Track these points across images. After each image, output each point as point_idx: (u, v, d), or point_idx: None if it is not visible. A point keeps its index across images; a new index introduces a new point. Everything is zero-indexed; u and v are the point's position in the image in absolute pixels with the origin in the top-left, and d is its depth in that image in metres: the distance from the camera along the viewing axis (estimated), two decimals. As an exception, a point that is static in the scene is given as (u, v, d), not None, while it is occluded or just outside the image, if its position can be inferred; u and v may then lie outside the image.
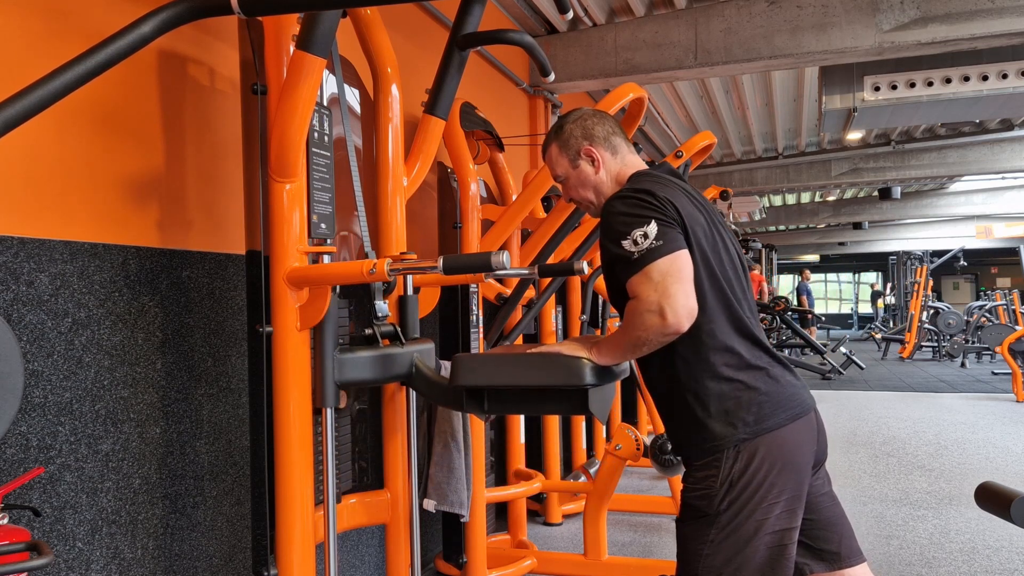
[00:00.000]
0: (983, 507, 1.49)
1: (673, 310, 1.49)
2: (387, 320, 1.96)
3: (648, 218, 1.56)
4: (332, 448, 1.83)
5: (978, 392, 8.94)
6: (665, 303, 1.49)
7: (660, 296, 1.50)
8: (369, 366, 1.85)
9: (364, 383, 1.90)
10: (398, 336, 1.93)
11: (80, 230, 1.74)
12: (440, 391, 1.88)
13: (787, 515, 1.59)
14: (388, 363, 1.88)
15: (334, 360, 1.79)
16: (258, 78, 1.81)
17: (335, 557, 1.80)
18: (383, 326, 1.92)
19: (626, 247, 1.55)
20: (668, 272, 1.51)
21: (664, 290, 1.50)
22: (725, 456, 1.58)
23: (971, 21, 4.14)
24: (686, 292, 1.52)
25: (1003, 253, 19.20)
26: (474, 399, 1.78)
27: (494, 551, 3.39)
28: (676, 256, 1.54)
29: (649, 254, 1.53)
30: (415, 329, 2.09)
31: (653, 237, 1.53)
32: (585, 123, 1.81)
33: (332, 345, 1.78)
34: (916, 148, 9.34)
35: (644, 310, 1.52)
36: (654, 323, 1.51)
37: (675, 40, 4.69)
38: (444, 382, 1.85)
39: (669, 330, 1.51)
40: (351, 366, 1.82)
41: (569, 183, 1.85)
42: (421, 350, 1.97)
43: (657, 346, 1.56)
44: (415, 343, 1.98)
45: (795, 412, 1.63)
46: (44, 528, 1.63)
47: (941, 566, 3.36)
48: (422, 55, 3.40)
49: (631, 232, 1.55)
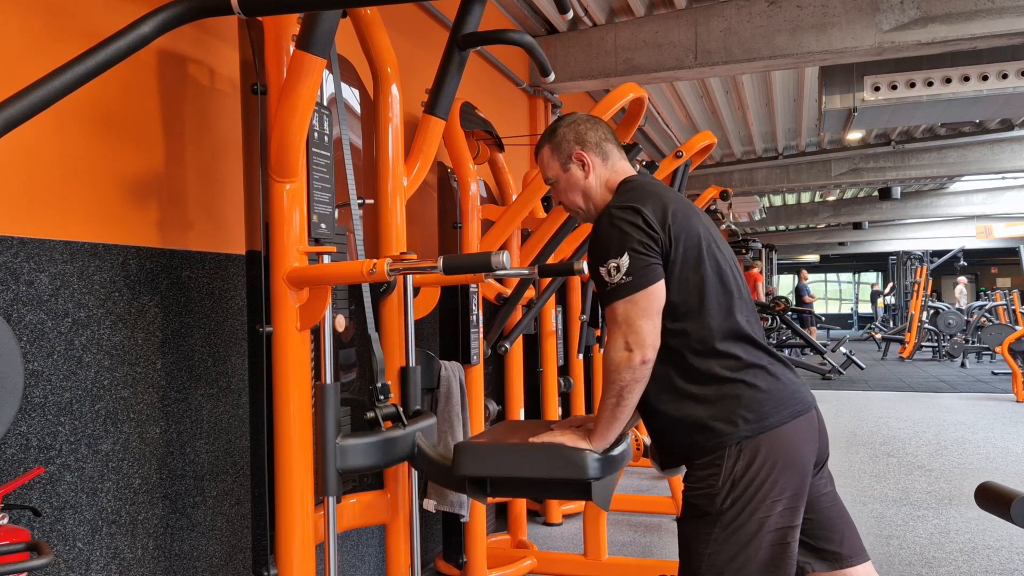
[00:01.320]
0: (983, 507, 1.49)
1: (639, 344, 1.57)
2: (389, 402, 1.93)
3: (623, 249, 1.60)
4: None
5: (978, 392, 8.94)
6: (631, 339, 1.58)
7: (625, 333, 1.58)
8: (372, 452, 1.82)
9: (366, 470, 1.90)
10: (400, 418, 1.90)
11: (80, 230, 1.74)
12: (443, 474, 1.87)
13: (789, 513, 1.59)
14: (390, 447, 1.86)
15: (335, 447, 1.76)
16: (258, 78, 1.81)
17: (335, 557, 1.79)
18: (385, 408, 1.90)
19: (601, 274, 1.63)
20: (632, 311, 1.59)
21: (629, 327, 1.58)
22: (727, 454, 1.58)
23: (971, 21, 4.14)
24: (650, 329, 1.59)
25: (1003, 253, 19.20)
26: (476, 486, 1.79)
27: (494, 551, 3.39)
28: (643, 294, 1.59)
29: (618, 290, 1.60)
30: (417, 401, 2.09)
31: (623, 272, 1.59)
32: (578, 128, 1.83)
33: (334, 433, 1.76)
34: (916, 148, 9.34)
35: (611, 351, 1.60)
36: (623, 358, 1.57)
37: (675, 40, 4.69)
38: (447, 465, 1.83)
39: (635, 361, 1.57)
40: (353, 454, 1.79)
41: (559, 186, 1.86)
42: (423, 427, 1.95)
43: (636, 385, 1.60)
44: (417, 420, 1.97)
45: (796, 410, 1.64)
46: (44, 528, 1.63)
47: (941, 566, 3.36)
48: (422, 55, 3.40)
49: (607, 261, 1.62)
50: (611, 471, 1.70)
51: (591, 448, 1.66)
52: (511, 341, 3.36)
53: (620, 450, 1.73)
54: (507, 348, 3.34)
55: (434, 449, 1.92)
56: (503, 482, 1.79)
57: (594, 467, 1.65)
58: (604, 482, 1.73)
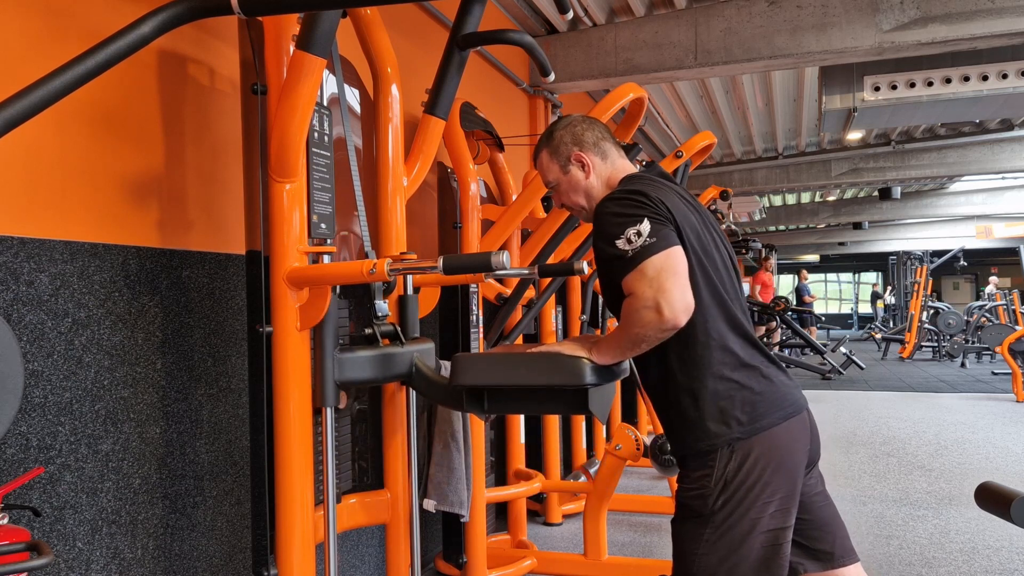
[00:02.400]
0: (983, 507, 1.49)
1: (669, 305, 1.50)
2: (387, 320, 1.96)
3: (640, 216, 1.57)
4: (332, 448, 1.83)
5: (978, 392, 8.94)
6: (661, 298, 1.50)
7: (656, 292, 1.51)
8: (369, 365, 1.85)
9: (364, 383, 1.90)
10: (398, 335, 1.93)
11: (80, 230, 1.74)
12: (440, 390, 1.88)
13: (781, 514, 1.60)
14: (388, 362, 1.88)
15: (334, 359, 1.79)
16: (258, 78, 1.81)
17: (335, 557, 1.80)
18: (383, 325, 1.92)
19: (620, 246, 1.56)
20: (663, 268, 1.52)
21: (659, 286, 1.51)
22: (719, 455, 1.59)
23: (971, 21, 4.14)
24: (682, 287, 1.52)
25: (1003, 253, 19.20)
26: (474, 398, 1.78)
27: (494, 551, 3.39)
28: (670, 252, 1.54)
29: (643, 251, 1.54)
30: (415, 329, 2.09)
31: (647, 235, 1.54)
32: (574, 129, 1.83)
33: (332, 344, 1.78)
34: (916, 148, 9.34)
35: (641, 307, 1.52)
36: (651, 319, 1.51)
37: (675, 40, 4.69)
38: (444, 381, 1.86)
39: (666, 325, 1.51)
40: (351, 365, 1.82)
41: (560, 189, 1.86)
42: (421, 350, 1.97)
43: (656, 342, 1.57)
44: (415, 343, 1.98)
45: (788, 411, 1.64)
46: (44, 528, 1.63)
47: (941, 566, 3.36)
48: (422, 55, 3.40)
49: (624, 231, 1.56)
50: (608, 379, 1.69)
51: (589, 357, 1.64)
52: (511, 341, 3.36)
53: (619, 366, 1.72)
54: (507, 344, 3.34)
55: (431, 369, 1.92)
56: (501, 392, 1.77)
57: (591, 374, 1.63)
58: (601, 391, 1.72)
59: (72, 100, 1.61)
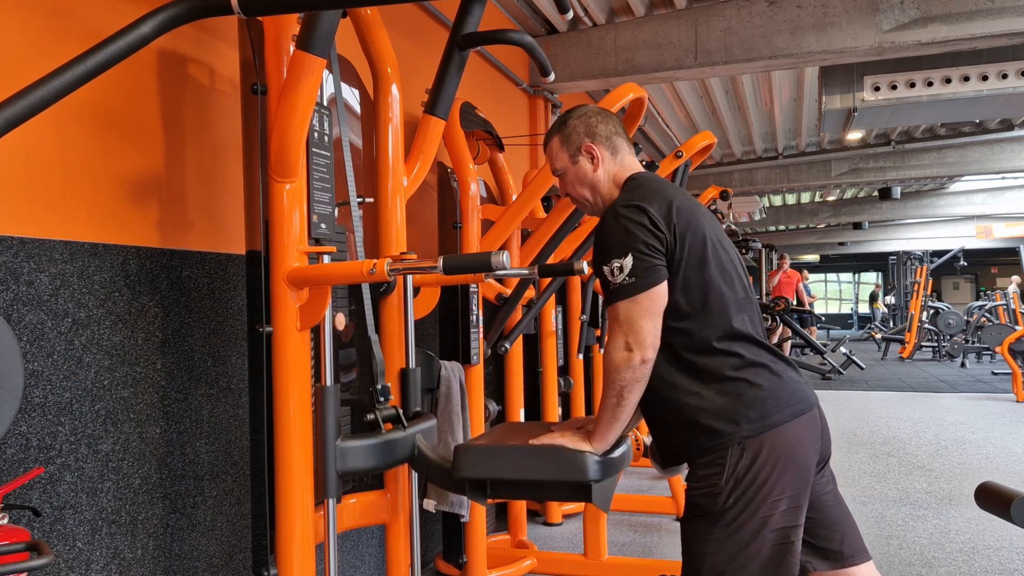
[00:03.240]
0: (983, 507, 1.49)
1: (639, 344, 1.57)
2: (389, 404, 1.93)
3: (627, 250, 1.60)
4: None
5: (978, 392, 8.94)
6: (631, 339, 1.58)
7: (625, 333, 1.59)
8: (372, 454, 1.81)
9: (366, 471, 1.89)
10: (400, 419, 1.90)
11: (80, 230, 1.74)
12: (443, 476, 1.86)
13: (792, 512, 1.59)
14: (390, 449, 1.85)
15: (335, 449, 1.76)
16: (258, 78, 1.81)
17: (335, 557, 1.79)
18: (385, 410, 1.89)
19: (605, 273, 1.63)
20: (634, 312, 1.59)
21: (630, 327, 1.59)
22: (729, 453, 1.58)
23: (971, 21, 4.14)
24: (650, 329, 1.59)
25: (1003, 253, 19.19)
26: (477, 488, 1.79)
27: (494, 551, 3.39)
28: (645, 295, 1.59)
29: (620, 290, 1.60)
30: (417, 403, 2.09)
31: (627, 273, 1.59)
32: (589, 120, 1.82)
33: (333, 435, 1.75)
34: (916, 148, 9.34)
35: (612, 352, 1.60)
36: (622, 358, 1.58)
37: (675, 40, 4.69)
38: (447, 466, 1.83)
39: (635, 361, 1.57)
40: (353, 455, 1.78)
41: (567, 178, 1.86)
42: (423, 429, 1.95)
43: (635, 385, 1.60)
44: (417, 422, 1.96)
45: (799, 408, 1.63)
46: (44, 528, 1.63)
47: (941, 566, 3.36)
48: (422, 55, 3.40)
49: (611, 260, 1.61)
50: (611, 473, 1.70)
51: (591, 450, 1.65)
52: (511, 341, 3.36)
53: (620, 452, 1.73)
54: (507, 348, 3.35)
55: (434, 451, 1.92)
56: (503, 484, 1.79)
57: (594, 469, 1.65)
58: (604, 484, 1.73)
59: (72, 100, 1.61)
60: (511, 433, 1.91)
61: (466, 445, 1.79)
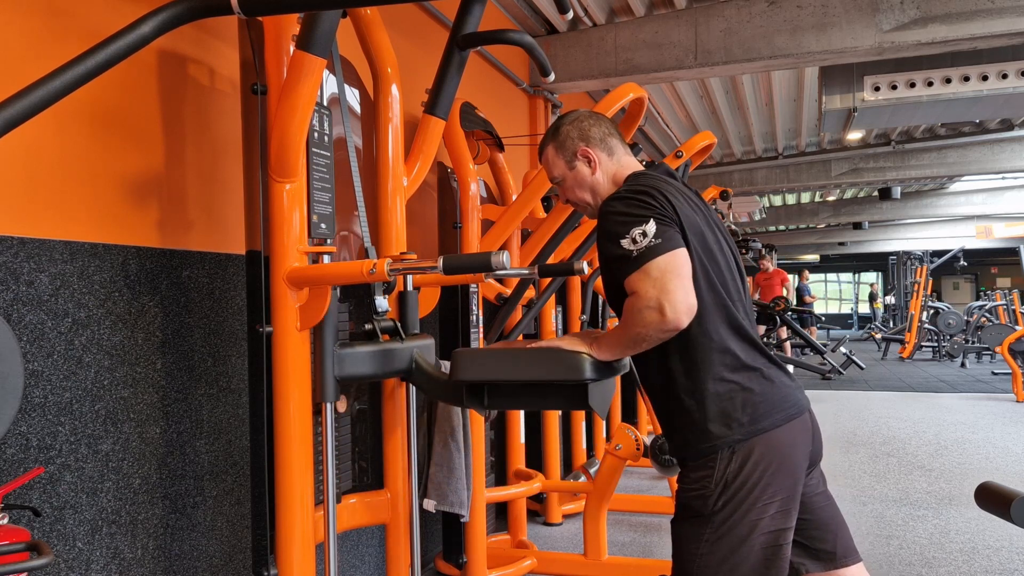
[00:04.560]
0: (983, 507, 1.49)
1: (672, 306, 1.50)
2: (387, 316, 1.95)
3: (646, 217, 1.57)
4: (332, 448, 1.83)
5: (978, 392, 8.94)
6: (664, 299, 1.51)
7: (659, 292, 1.51)
8: (369, 361, 1.85)
9: (364, 378, 1.90)
10: (398, 331, 1.93)
11: (80, 230, 1.74)
12: (440, 386, 1.88)
13: (782, 515, 1.60)
14: (388, 358, 1.88)
15: (334, 355, 1.79)
16: (258, 78, 1.81)
17: (335, 557, 1.80)
18: (383, 321, 1.92)
19: (625, 246, 1.56)
20: (667, 269, 1.52)
21: (663, 286, 1.51)
22: (720, 456, 1.58)
23: (971, 21, 4.14)
24: (685, 288, 1.53)
25: (1003, 253, 19.20)
26: (474, 394, 1.78)
27: (494, 551, 3.39)
28: (675, 254, 1.55)
29: (648, 252, 1.54)
30: (415, 325, 2.09)
31: (652, 235, 1.54)
32: (581, 124, 1.82)
33: (332, 340, 1.79)
34: (916, 148, 9.34)
35: (643, 306, 1.53)
36: (653, 319, 1.52)
37: (675, 40, 4.69)
38: (444, 377, 1.86)
39: (668, 326, 1.52)
40: (351, 361, 1.82)
41: (566, 184, 1.85)
42: (421, 346, 1.97)
43: (656, 342, 1.58)
44: (415, 339, 1.98)
45: (790, 413, 1.64)
46: (44, 528, 1.63)
47: (941, 566, 3.36)
48: (422, 55, 3.40)
49: (630, 231, 1.56)
50: (608, 374, 1.70)
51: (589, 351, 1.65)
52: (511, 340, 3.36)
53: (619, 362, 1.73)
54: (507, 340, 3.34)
55: (431, 365, 1.92)
56: (501, 387, 1.78)
57: (591, 369, 1.64)
58: (601, 386, 1.73)
59: (72, 100, 1.61)
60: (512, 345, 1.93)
61: (464, 349, 1.79)
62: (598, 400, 1.72)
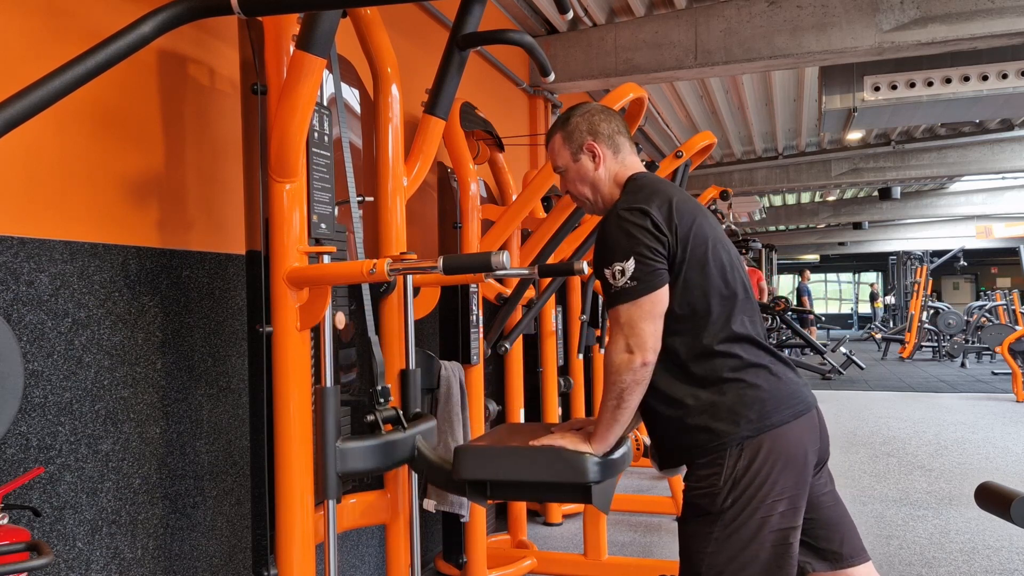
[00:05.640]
0: (983, 507, 1.49)
1: (640, 346, 1.57)
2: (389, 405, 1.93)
3: (629, 253, 1.60)
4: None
5: (978, 392, 8.94)
6: (632, 341, 1.58)
7: (627, 336, 1.59)
8: (372, 455, 1.81)
9: (366, 472, 1.89)
10: (400, 420, 1.90)
11: (80, 230, 1.74)
12: (443, 477, 1.86)
13: (790, 513, 1.59)
14: (390, 450, 1.85)
15: (335, 450, 1.75)
16: (258, 78, 1.81)
17: (335, 557, 1.79)
18: (385, 411, 1.89)
19: (607, 276, 1.63)
20: (635, 315, 1.59)
21: (631, 330, 1.59)
22: (728, 454, 1.58)
23: (971, 21, 4.14)
24: (652, 331, 1.59)
25: (1003, 253, 19.19)
26: (477, 489, 1.79)
27: (494, 551, 3.39)
28: (646, 299, 1.59)
29: (622, 294, 1.60)
30: (417, 403, 2.09)
31: (628, 276, 1.59)
32: (592, 118, 1.82)
33: (334, 436, 1.75)
34: (916, 148, 9.34)
35: (613, 353, 1.60)
36: (623, 360, 1.58)
37: (675, 40, 4.69)
38: (447, 467, 1.83)
39: (636, 363, 1.57)
40: (353, 456, 1.78)
41: (568, 176, 1.86)
42: (423, 430, 1.95)
43: (636, 388, 1.60)
44: (417, 423, 1.96)
45: (798, 410, 1.63)
46: (44, 528, 1.63)
47: (941, 566, 3.36)
48: (422, 55, 3.40)
49: (612, 263, 1.61)
50: (611, 474, 1.70)
51: (591, 451, 1.65)
52: (511, 341, 3.36)
53: (620, 453, 1.73)
54: (507, 348, 3.34)
55: (434, 452, 1.92)
56: (503, 485, 1.79)
57: (594, 470, 1.65)
58: (604, 485, 1.73)
59: (72, 100, 1.61)
60: (511, 434, 1.91)
61: (466, 446, 1.79)
62: (601, 498, 1.73)
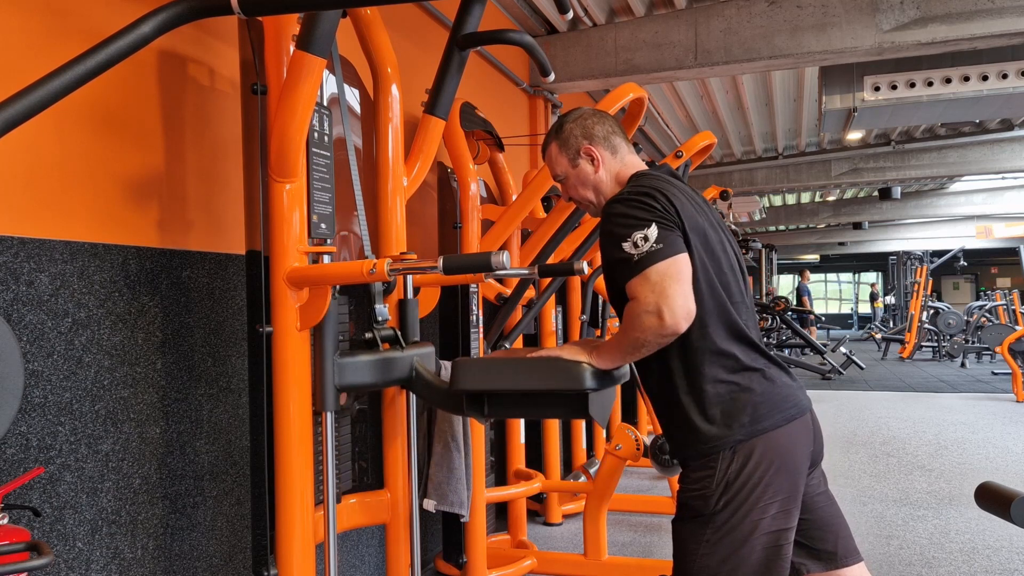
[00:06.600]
0: (983, 507, 1.49)
1: (671, 311, 1.51)
2: (387, 324, 1.95)
3: (648, 221, 1.56)
4: (332, 448, 1.83)
5: (978, 392, 8.94)
6: (663, 304, 1.51)
7: (658, 298, 1.51)
8: (369, 370, 1.85)
9: (364, 387, 1.90)
10: (398, 340, 1.92)
11: (80, 230, 1.74)
12: (440, 395, 1.88)
13: (783, 515, 1.60)
14: (388, 367, 1.88)
15: (334, 364, 1.78)
16: (258, 78, 1.81)
17: (335, 557, 1.80)
18: (383, 330, 1.92)
19: (626, 249, 1.56)
20: (667, 274, 1.53)
21: (662, 292, 1.51)
22: (721, 457, 1.59)
23: (971, 21, 4.14)
24: (684, 294, 1.53)
25: (1003, 253, 19.20)
26: (474, 403, 1.78)
27: (494, 551, 3.39)
28: (675, 259, 1.55)
29: (649, 257, 1.54)
30: (415, 332, 2.09)
31: (653, 240, 1.54)
32: (585, 122, 1.82)
33: (332, 349, 1.78)
34: (916, 148, 9.34)
35: (642, 311, 1.53)
36: (652, 324, 1.52)
37: (675, 40, 4.69)
38: (444, 386, 1.85)
39: (666, 331, 1.52)
40: (351, 370, 1.81)
41: (569, 182, 1.85)
42: (421, 354, 1.97)
43: (656, 347, 1.57)
44: (415, 347, 1.98)
45: (791, 413, 1.64)
46: (44, 528, 1.63)
47: (941, 566, 3.36)
48: (422, 55, 3.40)
49: (631, 235, 1.56)
50: (608, 384, 1.69)
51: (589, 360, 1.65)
52: (511, 341, 3.36)
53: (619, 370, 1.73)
54: (507, 348, 3.34)
55: (431, 373, 1.92)
56: (501, 397, 1.78)
57: (591, 378, 1.63)
58: (601, 396, 1.72)
59: (72, 100, 1.61)
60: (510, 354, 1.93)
61: (464, 359, 1.80)
62: (598, 409, 1.72)
